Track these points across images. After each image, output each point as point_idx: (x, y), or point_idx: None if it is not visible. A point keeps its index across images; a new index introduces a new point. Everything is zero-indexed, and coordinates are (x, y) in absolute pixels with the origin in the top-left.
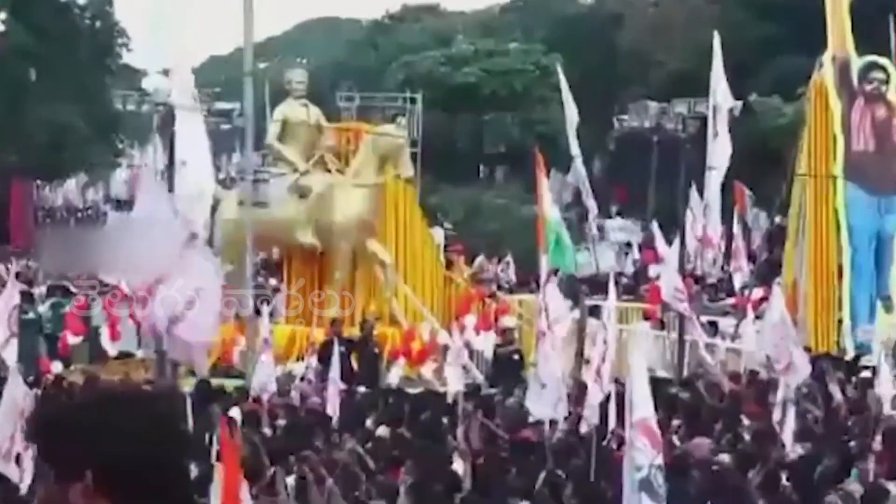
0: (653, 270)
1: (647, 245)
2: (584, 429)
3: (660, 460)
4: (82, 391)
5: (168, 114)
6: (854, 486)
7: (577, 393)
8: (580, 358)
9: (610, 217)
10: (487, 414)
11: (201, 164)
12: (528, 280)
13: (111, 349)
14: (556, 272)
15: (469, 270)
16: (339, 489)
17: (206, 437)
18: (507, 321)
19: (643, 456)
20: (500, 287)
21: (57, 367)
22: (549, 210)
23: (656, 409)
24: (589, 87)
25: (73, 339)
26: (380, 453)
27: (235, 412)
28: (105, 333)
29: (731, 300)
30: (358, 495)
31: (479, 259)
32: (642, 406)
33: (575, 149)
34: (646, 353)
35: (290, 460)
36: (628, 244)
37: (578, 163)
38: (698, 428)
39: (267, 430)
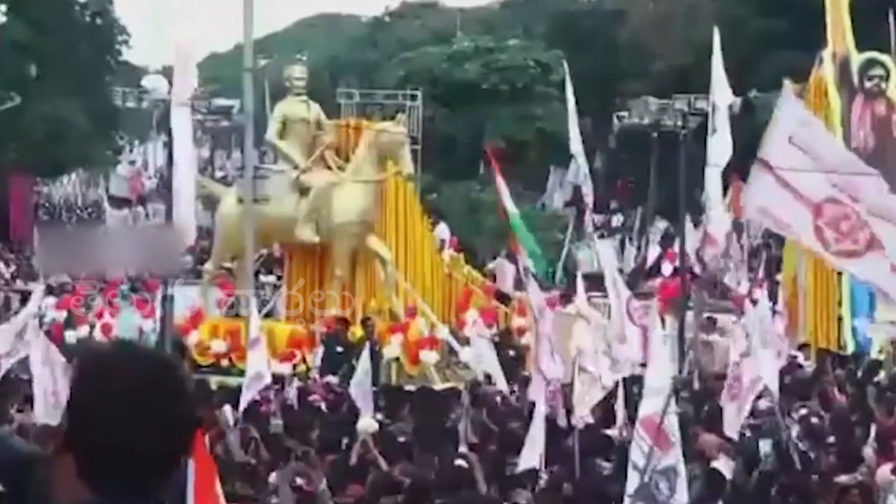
0: (665, 268)
1: (665, 244)
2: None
3: (668, 462)
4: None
5: (167, 111)
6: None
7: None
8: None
9: (609, 213)
10: (488, 410)
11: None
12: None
13: None
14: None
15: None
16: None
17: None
18: (522, 321)
19: (643, 457)
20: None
21: None
22: (511, 209)
23: None
24: (589, 83)
25: (73, 335)
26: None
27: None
28: (98, 327)
29: (731, 297)
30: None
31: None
32: (649, 400)
33: (576, 146)
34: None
35: (289, 458)
36: (629, 240)
37: (581, 160)
38: (699, 424)
39: (277, 428)
